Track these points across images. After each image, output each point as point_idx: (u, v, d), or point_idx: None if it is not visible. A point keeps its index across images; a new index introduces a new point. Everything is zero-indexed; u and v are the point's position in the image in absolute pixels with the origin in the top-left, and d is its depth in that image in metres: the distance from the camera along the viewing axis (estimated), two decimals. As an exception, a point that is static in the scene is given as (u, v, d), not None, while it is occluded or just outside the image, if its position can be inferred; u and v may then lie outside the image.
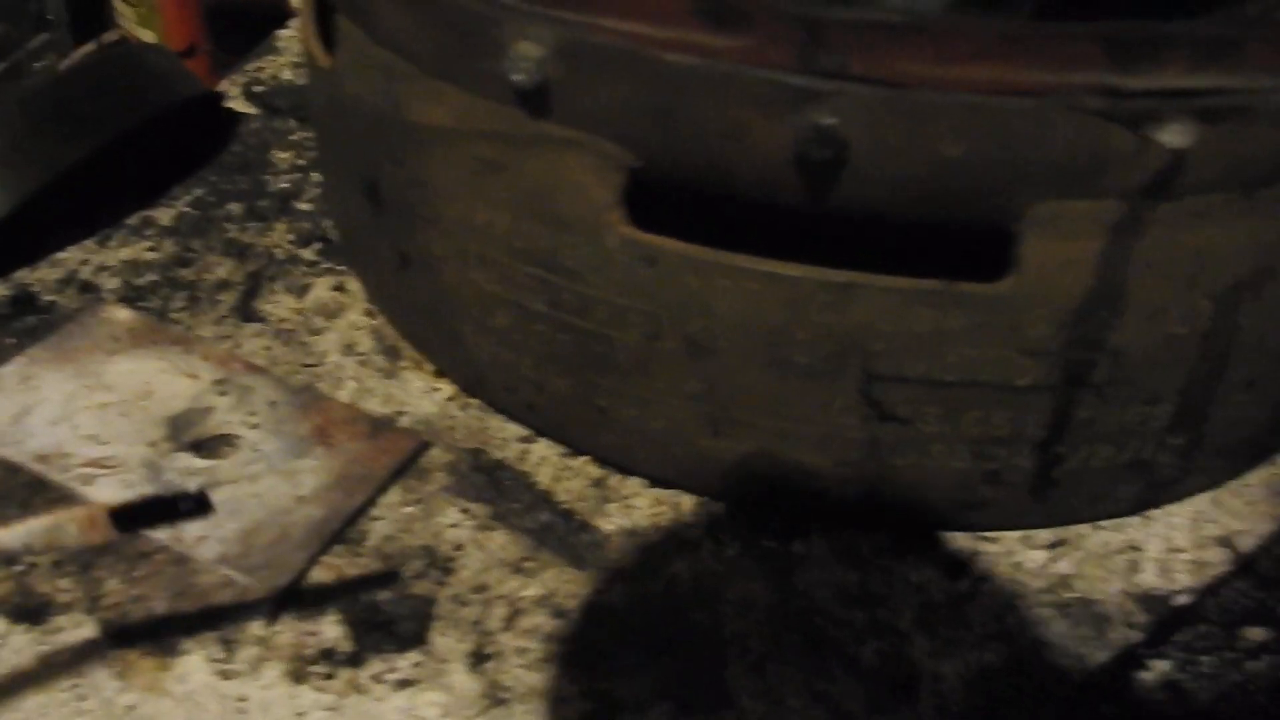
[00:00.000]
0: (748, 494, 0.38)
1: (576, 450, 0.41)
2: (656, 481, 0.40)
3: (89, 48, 0.93)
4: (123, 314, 0.46)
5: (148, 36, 0.86)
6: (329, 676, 0.34)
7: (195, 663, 0.34)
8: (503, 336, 0.38)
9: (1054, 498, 0.37)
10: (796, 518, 0.39)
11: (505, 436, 0.42)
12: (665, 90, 0.30)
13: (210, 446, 0.40)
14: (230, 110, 0.63)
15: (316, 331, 0.47)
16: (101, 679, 0.35)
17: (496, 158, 0.34)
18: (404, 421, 0.43)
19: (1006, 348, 0.32)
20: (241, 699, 0.34)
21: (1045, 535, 0.39)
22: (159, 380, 0.42)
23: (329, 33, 0.44)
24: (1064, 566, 0.38)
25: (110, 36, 0.96)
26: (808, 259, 0.32)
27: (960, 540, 0.39)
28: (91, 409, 0.41)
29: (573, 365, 0.37)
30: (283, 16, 1.03)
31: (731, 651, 0.35)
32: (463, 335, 0.39)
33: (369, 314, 0.48)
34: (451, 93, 0.34)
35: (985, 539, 0.39)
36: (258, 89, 0.66)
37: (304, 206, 0.55)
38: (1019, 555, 0.38)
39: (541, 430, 0.41)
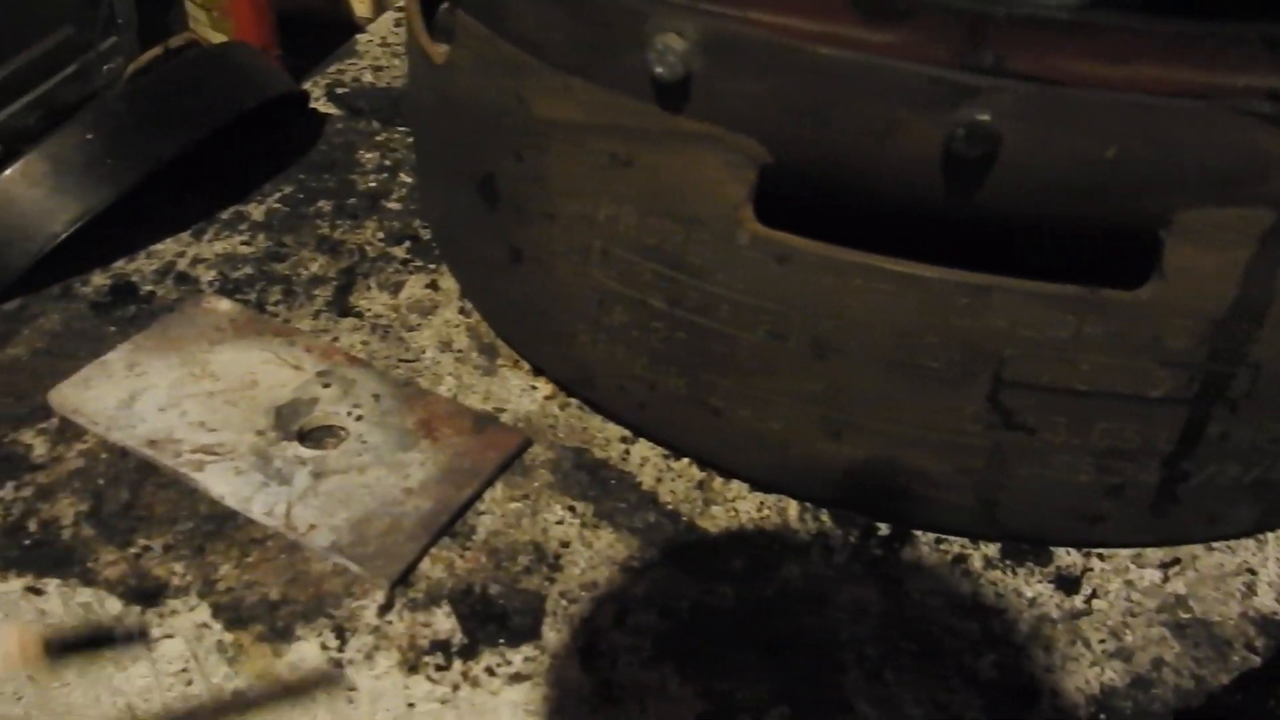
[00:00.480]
0: (858, 500, 0.38)
1: (682, 451, 0.41)
2: (760, 485, 0.40)
3: (155, 51, 0.95)
4: (224, 304, 0.46)
5: (219, 40, 0.87)
6: (442, 668, 0.34)
7: (308, 650, 0.34)
8: (618, 334, 0.38)
9: (1173, 515, 0.36)
10: (903, 525, 0.39)
11: (607, 436, 0.42)
12: (813, 84, 0.29)
13: (316, 436, 0.40)
14: (314, 110, 0.64)
15: (412, 328, 0.47)
16: (211, 663, 0.35)
17: (625, 153, 0.34)
18: (504, 419, 0.42)
19: (1144, 357, 0.32)
20: (352, 688, 0.34)
21: (1157, 554, 0.38)
22: (263, 370, 0.43)
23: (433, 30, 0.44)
24: (1178, 587, 0.37)
25: (177, 41, 0.97)
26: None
27: (1071, 556, 0.38)
28: (199, 396, 0.41)
29: (689, 364, 0.36)
30: (345, 25, 1.05)
31: (847, 657, 0.34)
32: (574, 332, 0.39)
33: (463, 312, 0.48)
34: (582, 87, 0.34)
35: (1096, 555, 0.38)
36: (340, 90, 0.66)
37: (393, 206, 0.55)
38: (1131, 573, 0.38)
39: (648, 430, 0.41)
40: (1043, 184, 0.29)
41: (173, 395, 0.41)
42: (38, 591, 0.36)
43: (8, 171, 0.46)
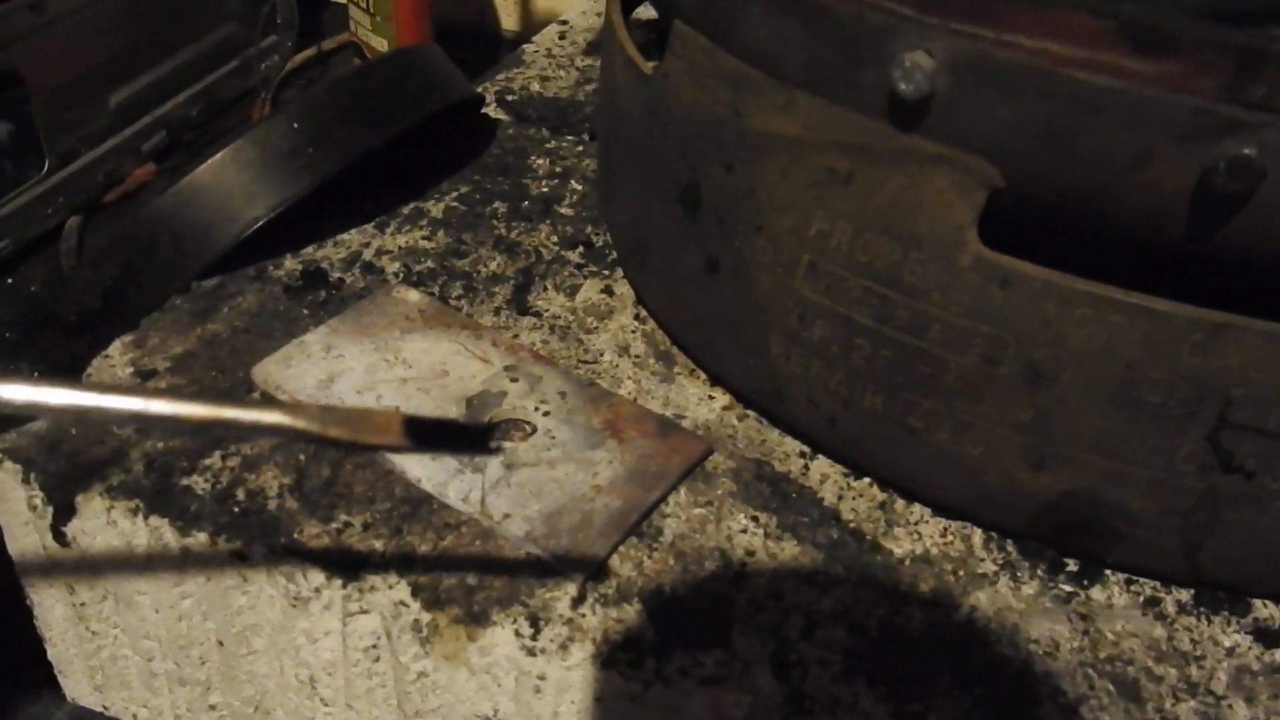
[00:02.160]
0: (1052, 533, 0.37)
1: (866, 470, 0.41)
2: (945, 510, 0.40)
3: (310, 51, 0.98)
4: (413, 295, 0.47)
5: (380, 44, 0.89)
6: (635, 665, 0.34)
7: (502, 636, 0.35)
8: (816, 349, 0.38)
9: (1386, 574, 0.35)
10: (1094, 563, 0.38)
11: (786, 450, 0.42)
12: (1065, 110, 0.29)
13: (505, 429, 0.41)
14: (486, 115, 0.65)
15: (590, 331, 0.48)
16: (402, 642, 0.36)
17: (846, 168, 0.35)
18: (684, 425, 0.43)
19: (1380, 407, 0.31)
20: (541, 677, 0.35)
21: (1359, 614, 0.37)
22: (453, 361, 0.44)
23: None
24: (1383, 649, 0.36)
25: (331, 42, 1.00)
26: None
27: (1269, 608, 0.37)
28: (393, 382, 0.42)
29: (890, 383, 0.36)
30: (492, 38, 1.07)
31: (1042, 690, 0.34)
32: (768, 344, 0.39)
33: (638, 318, 0.48)
34: (806, 102, 0.35)
35: (1294, 610, 0.37)
36: (509, 98, 0.68)
37: (565, 211, 0.56)
38: (1333, 631, 0.37)
39: (834, 446, 0.41)
40: (1298, 223, 0.28)
41: (368, 379, 0.42)
42: (244, 557, 0.37)
43: (219, 154, 0.49)
